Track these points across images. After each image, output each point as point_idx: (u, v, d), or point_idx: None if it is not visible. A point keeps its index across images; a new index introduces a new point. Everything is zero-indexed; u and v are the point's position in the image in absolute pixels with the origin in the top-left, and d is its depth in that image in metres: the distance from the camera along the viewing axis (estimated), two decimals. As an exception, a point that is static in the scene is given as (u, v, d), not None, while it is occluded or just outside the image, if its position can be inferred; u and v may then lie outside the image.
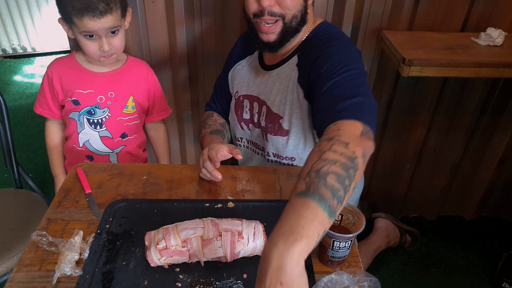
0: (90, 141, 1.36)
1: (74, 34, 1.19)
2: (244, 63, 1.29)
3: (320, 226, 0.65)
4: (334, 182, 0.69)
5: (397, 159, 1.95)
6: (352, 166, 0.73)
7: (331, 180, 0.69)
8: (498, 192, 2.06)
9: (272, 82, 1.19)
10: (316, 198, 0.66)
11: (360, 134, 0.81)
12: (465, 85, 1.72)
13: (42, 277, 0.83)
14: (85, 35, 1.16)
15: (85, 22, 1.11)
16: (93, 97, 1.30)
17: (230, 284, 0.82)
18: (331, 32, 1.13)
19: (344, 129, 0.82)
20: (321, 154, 0.73)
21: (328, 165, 0.71)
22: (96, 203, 1.02)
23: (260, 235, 0.86)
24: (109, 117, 1.33)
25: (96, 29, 1.14)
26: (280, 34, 1.08)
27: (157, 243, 0.84)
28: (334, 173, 0.70)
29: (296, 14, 1.06)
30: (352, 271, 0.80)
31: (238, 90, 1.30)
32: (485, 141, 1.89)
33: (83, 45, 1.19)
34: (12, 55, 3.87)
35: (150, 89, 1.40)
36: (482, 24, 1.56)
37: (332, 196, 0.68)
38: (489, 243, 2.03)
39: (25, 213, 1.42)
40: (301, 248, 0.61)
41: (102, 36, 1.16)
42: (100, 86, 1.30)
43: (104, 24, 1.13)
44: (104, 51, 1.19)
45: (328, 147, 0.75)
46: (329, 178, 0.69)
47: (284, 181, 1.12)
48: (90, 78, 1.30)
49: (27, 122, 2.89)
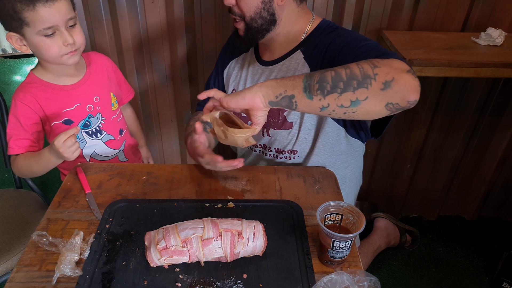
0: (96, 151, 1.31)
1: (29, 43, 1.08)
2: (239, 61, 1.30)
3: (290, 87, 0.82)
4: (328, 75, 0.78)
5: (397, 159, 1.95)
6: (359, 80, 0.75)
7: (328, 73, 0.78)
8: (498, 192, 2.06)
9: (274, 76, 1.19)
10: (305, 75, 0.82)
11: (406, 70, 0.79)
12: (465, 85, 1.72)
13: (42, 277, 0.83)
14: (44, 34, 1.05)
15: (40, 11, 1.01)
16: (82, 110, 1.23)
17: (230, 284, 0.82)
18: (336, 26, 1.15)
19: (389, 60, 0.80)
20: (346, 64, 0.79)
21: (338, 67, 0.77)
22: (96, 203, 1.02)
23: (260, 235, 0.86)
24: (104, 121, 1.30)
25: (54, 20, 1.04)
26: (245, 32, 1.12)
27: (157, 243, 0.84)
28: (335, 72, 0.77)
29: (253, 17, 1.08)
30: (352, 271, 0.80)
31: (235, 88, 1.30)
32: (485, 141, 1.89)
33: (44, 48, 1.08)
34: (12, 55, 3.87)
35: (116, 76, 1.36)
36: (482, 24, 1.57)
37: (319, 81, 0.78)
38: (489, 243, 2.03)
39: (25, 213, 1.42)
40: (267, 88, 0.84)
41: (62, 29, 1.06)
42: (83, 96, 1.23)
43: (60, 10, 1.03)
44: (68, 45, 1.08)
45: (356, 63, 0.79)
46: (328, 72, 0.78)
47: (284, 181, 1.12)
48: (70, 92, 1.21)
49: (27, 122, 2.90)
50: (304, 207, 1.01)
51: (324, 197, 1.07)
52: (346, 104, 0.79)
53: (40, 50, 1.09)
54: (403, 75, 0.77)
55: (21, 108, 1.16)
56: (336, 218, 0.89)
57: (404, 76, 0.77)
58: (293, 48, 1.16)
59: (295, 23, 1.14)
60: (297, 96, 0.81)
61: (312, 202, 1.04)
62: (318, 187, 1.10)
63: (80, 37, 1.12)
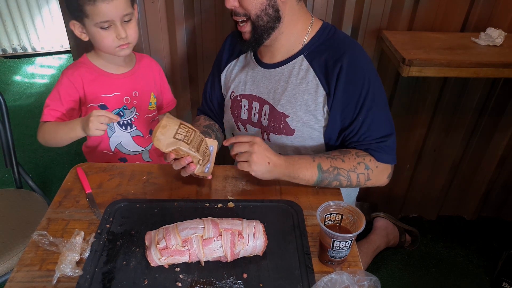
0: (122, 143, 1.34)
1: (88, 32, 1.17)
2: (238, 63, 1.28)
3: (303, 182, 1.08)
4: (333, 184, 1.10)
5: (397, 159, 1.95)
6: (352, 187, 1.13)
7: (334, 183, 1.10)
8: (498, 192, 2.06)
9: (276, 81, 1.18)
10: (317, 179, 1.08)
11: (386, 177, 1.16)
12: (465, 85, 1.72)
13: (42, 277, 0.83)
14: (100, 27, 1.14)
15: (99, 7, 1.10)
16: (119, 99, 1.28)
17: (230, 284, 0.82)
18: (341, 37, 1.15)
19: (380, 169, 1.13)
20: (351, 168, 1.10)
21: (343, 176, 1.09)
22: (97, 203, 1.02)
23: (260, 235, 0.86)
24: (137, 116, 1.33)
25: (111, 14, 1.12)
26: (251, 32, 1.11)
27: (158, 243, 0.84)
28: (339, 182, 1.10)
29: (259, 14, 1.07)
30: (352, 271, 0.80)
31: (234, 90, 1.28)
32: (485, 141, 1.89)
33: (99, 38, 1.17)
34: (12, 55, 3.87)
35: (162, 83, 1.42)
36: (482, 24, 1.57)
37: (325, 184, 1.10)
38: (489, 243, 2.03)
39: (25, 213, 1.43)
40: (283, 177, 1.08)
41: (117, 23, 1.14)
42: (124, 87, 1.29)
43: (117, 8, 1.12)
44: (121, 39, 1.16)
45: (355, 162, 1.10)
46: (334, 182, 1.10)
47: (284, 181, 1.12)
48: (114, 81, 1.28)
49: (27, 122, 2.90)
50: (304, 207, 1.01)
51: (324, 197, 1.07)
52: None
53: (96, 39, 1.18)
54: (382, 182, 1.16)
55: (66, 83, 1.23)
56: (336, 218, 0.89)
57: (382, 182, 1.16)
58: (295, 52, 1.16)
59: (297, 22, 1.13)
60: (307, 182, 1.09)
61: (312, 202, 1.05)
62: (318, 187, 1.10)
63: (133, 32, 1.20)
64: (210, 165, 1.06)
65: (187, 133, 0.98)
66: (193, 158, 0.99)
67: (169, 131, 0.95)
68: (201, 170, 1.02)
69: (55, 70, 3.71)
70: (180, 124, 0.98)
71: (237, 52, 1.28)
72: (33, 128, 2.83)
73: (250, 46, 1.15)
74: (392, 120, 1.15)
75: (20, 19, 3.74)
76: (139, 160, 1.40)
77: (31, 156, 2.60)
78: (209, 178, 1.07)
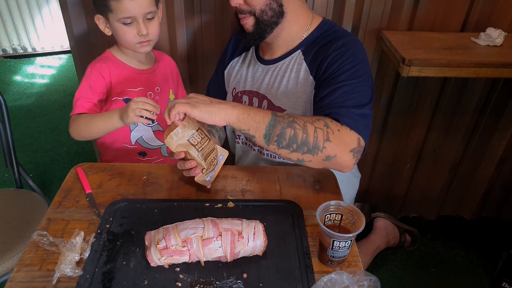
0: (143, 137, 1.37)
1: (111, 26, 1.21)
2: (240, 60, 1.31)
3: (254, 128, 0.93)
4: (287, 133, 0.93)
5: (397, 159, 1.96)
6: (309, 148, 0.94)
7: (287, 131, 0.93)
8: (498, 192, 2.06)
9: (274, 76, 1.20)
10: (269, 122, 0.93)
11: (349, 150, 0.97)
12: (465, 85, 1.72)
13: (42, 277, 0.83)
14: (122, 22, 1.18)
15: (123, 4, 1.14)
16: (143, 94, 1.32)
17: (230, 284, 0.82)
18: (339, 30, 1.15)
19: (342, 133, 0.97)
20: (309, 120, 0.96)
21: (298, 127, 0.94)
22: (97, 203, 1.02)
23: (260, 235, 0.86)
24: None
25: (134, 11, 1.16)
26: (254, 26, 1.12)
27: (157, 243, 0.84)
28: (294, 132, 0.93)
29: (264, 9, 1.09)
30: (352, 270, 0.80)
31: (236, 87, 1.30)
32: (485, 141, 1.89)
33: (121, 33, 1.21)
34: (12, 55, 3.87)
35: (178, 80, 1.48)
36: (482, 24, 1.57)
37: (278, 135, 0.93)
38: (489, 243, 2.03)
39: (25, 213, 1.43)
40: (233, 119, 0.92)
41: (139, 20, 1.18)
42: (147, 82, 1.33)
43: (140, 5, 1.16)
44: (142, 35, 1.20)
45: (315, 118, 0.97)
46: (288, 130, 0.93)
47: (284, 181, 1.12)
48: (139, 76, 1.32)
49: (27, 122, 2.90)
50: (304, 207, 1.01)
51: (324, 197, 1.07)
52: (293, 159, 0.97)
53: (118, 34, 1.22)
54: (344, 154, 0.96)
55: (96, 75, 1.25)
56: (336, 218, 0.89)
57: (345, 156, 0.96)
58: (293, 47, 1.17)
59: (298, 18, 1.15)
60: (257, 138, 0.95)
61: (312, 202, 1.05)
62: (318, 187, 1.10)
63: (155, 30, 1.23)
64: (213, 175, 1.05)
65: (202, 139, 0.97)
66: (198, 165, 0.99)
67: (185, 132, 0.95)
68: (203, 178, 1.02)
69: (55, 70, 3.71)
70: (198, 128, 0.97)
71: (241, 50, 1.31)
72: (33, 128, 2.84)
73: (252, 39, 1.15)
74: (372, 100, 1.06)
75: (20, 19, 3.74)
76: (158, 155, 1.43)
77: (31, 156, 2.60)
78: (208, 187, 1.06)
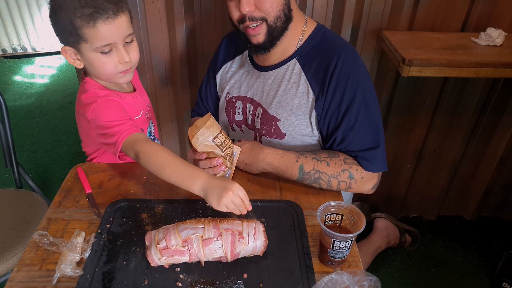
0: None
1: (85, 58, 1.04)
2: (234, 64, 1.27)
3: (289, 174, 1.09)
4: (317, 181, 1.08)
5: (397, 159, 1.96)
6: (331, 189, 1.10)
7: (320, 181, 1.08)
8: (498, 192, 2.06)
9: (269, 84, 1.17)
10: (299, 172, 1.08)
11: (370, 188, 1.13)
12: (465, 85, 1.72)
13: (42, 277, 0.83)
14: (100, 51, 1.01)
15: (100, 29, 0.97)
16: (144, 117, 1.22)
17: (231, 284, 0.82)
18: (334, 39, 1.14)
19: (365, 179, 1.10)
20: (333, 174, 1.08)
21: (323, 176, 1.08)
22: (97, 203, 1.02)
23: (260, 235, 0.86)
24: (154, 126, 1.30)
25: (113, 37, 1.00)
26: (267, 34, 1.07)
27: (158, 242, 0.84)
28: (321, 181, 1.08)
29: (278, 15, 1.05)
30: (352, 271, 0.80)
31: (229, 92, 1.27)
32: (485, 141, 1.89)
33: (99, 65, 1.03)
34: (12, 55, 3.87)
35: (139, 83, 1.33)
36: (482, 24, 1.57)
37: (309, 182, 1.08)
38: (489, 243, 2.03)
39: (25, 213, 1.43)
40: (268, 166, 1.10)
41: (119, 46, 1.02)
42: (141, 103, 1.22)
43: (119, 27, 0.99)
44: (124, 63, 1.04)
45: (340, 169, 1.08)
46: (318, 181, 1.08)
47: (284, 181, 1.12)
48: (134, 101, 1.17)
49: (27, 122, 2.90)
50: (304, 207, 1.01)
51: (324, 197, 1.07)
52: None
53: (95, 66, 1.04)
54: (363, 192, 1.13)
55: (113, 102, 1.07)
56: (336, 218, 0.89)
57: (364, 191, 1.13)
58: (289, 55, 1.14)
59: (297, 22, 1.12)
60: (289, 178, 1.10)
61: (312, 202, 1.05)
62: (318, 187, 1.10)
63: (136, 54, 1.08)
64: (231, 172, 1.07)
65: (225, 140, 1.00)
66: (224, 162, 1.01)
67: (210, 132, 0.96)
68: (223, 175, 1.03)
69: (55, 70, 3.71)
70: (221, 129, 0.99)
71: (233, 53, 1.27)
72: (33, 128, 2.84)
73: (263, 49, 1.11)
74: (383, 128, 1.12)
75: (20, 19, 3.74)
76: None
77: (31, 156, 2.60)
78: None
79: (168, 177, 0.93)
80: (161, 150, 0.96)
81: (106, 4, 0.97)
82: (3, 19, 3.69)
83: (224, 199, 0.85)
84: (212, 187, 0.87)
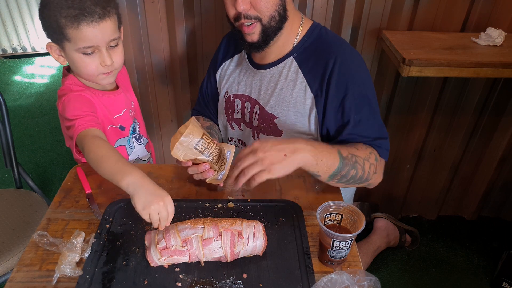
0: (139, 155, 1.29)
1: (67, 56, 1.05)
2: (232, 63, 1.28)
3: (323, 172, 1.00)
4: (349, 175, 1.03)
5: (397, 159, 1.95)
6: (361, 181, 1.07)
7: (351, 171, 1.03)
8: (498, 192, 2.06)
9: (267, 82, 1.18)
10: (337, 166, 1.00)
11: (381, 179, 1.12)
12: (465, 85, 1.72)
13: (42, 277, 0.83)
14: (82, 52, 1.01)
15: (83, 31, 0.97)
16: (127, 115, 1.21)
17: (230, 284, 0.82)
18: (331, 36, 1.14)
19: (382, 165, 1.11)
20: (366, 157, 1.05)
21: (358, 167, 1.04)
22: (96, 203, 1.02)
23: (260, 235, 0.86)
24: (139, 125, 1.29)
25: (96, 40, 1.00)
26: (261, 33, 1.08)
27: (157, 243, 0.84)
28: (355, 172, 1.03)
29: (273, 15, 1.06)
30: (352, 271, 0.80)
31: (228, 90, 1.28)
32: (485, 141, 1.89)
33: (81, 65, 1.04)
34: (12, 55, 3.87)
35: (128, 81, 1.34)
36: (482, 24, 1.57)
37: (342, 175, 1.02)
38: (489, 243, 2.03)
39: (25, 213, 1.43)
40: (305, 165, 0.96)
41: (102, 49, 1.02)
42: (124, 101, 1.21)
43: (103, 31, 1.00)
44: (105, 66, 1.04)
45: (367, 152, 1.06)
46: (352, 171, 1.03)
47: (284, 181, 1.12)
48: (116, 98, 1.17)
49: (27, 122, 2.90)
50: (304, 207, 1.01)
51: (324, 197, 1.07)
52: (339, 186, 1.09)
53: (77, 65, 1.06)
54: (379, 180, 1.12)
55: (82, 97, 1.08)
56: (336, 218, 0.89)
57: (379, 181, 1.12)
58: (286, 53, 1.15)
59: (292, 21, 1.13)
60: (322, 176, 1.01)
61: (312, 202, 1.05)
62: (318, 187, 1.10)
63: (119, 58, 1.08)
64: (225, 173, 1.03)
65: (208, 144, 0.95)
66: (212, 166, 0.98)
67: (191, 140, 0.93)
68: (215, 178, 1.02)
69: (55, 70, 3.71)
70: (203, 134, 0.94)
71: (232, 52, 1.28)
72: (33, 128, 2.84)
73: (257, 47, 1.12)
74: None
75: (20, 19, 3.74)
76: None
77: (31, 156, 2.60)
78: (221, 185, 1.06)
79: (103, 171, 0.91)
80: (103, 146, 0.94)
81: (93, 7, 0.97)
82: (3, 19, 3.69)
83: (152, 207, 0.81)
84: (144, 189, 0.83)
